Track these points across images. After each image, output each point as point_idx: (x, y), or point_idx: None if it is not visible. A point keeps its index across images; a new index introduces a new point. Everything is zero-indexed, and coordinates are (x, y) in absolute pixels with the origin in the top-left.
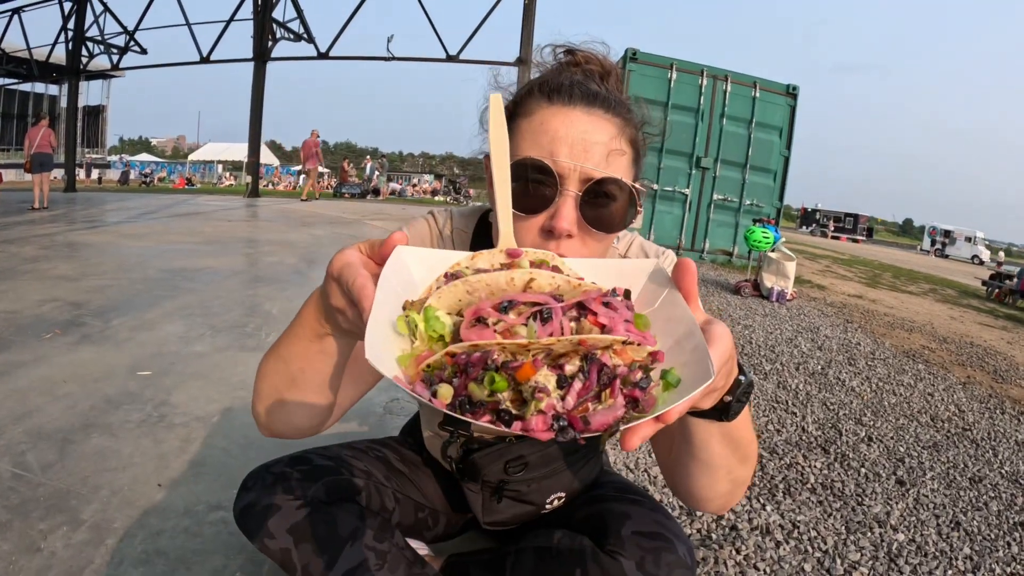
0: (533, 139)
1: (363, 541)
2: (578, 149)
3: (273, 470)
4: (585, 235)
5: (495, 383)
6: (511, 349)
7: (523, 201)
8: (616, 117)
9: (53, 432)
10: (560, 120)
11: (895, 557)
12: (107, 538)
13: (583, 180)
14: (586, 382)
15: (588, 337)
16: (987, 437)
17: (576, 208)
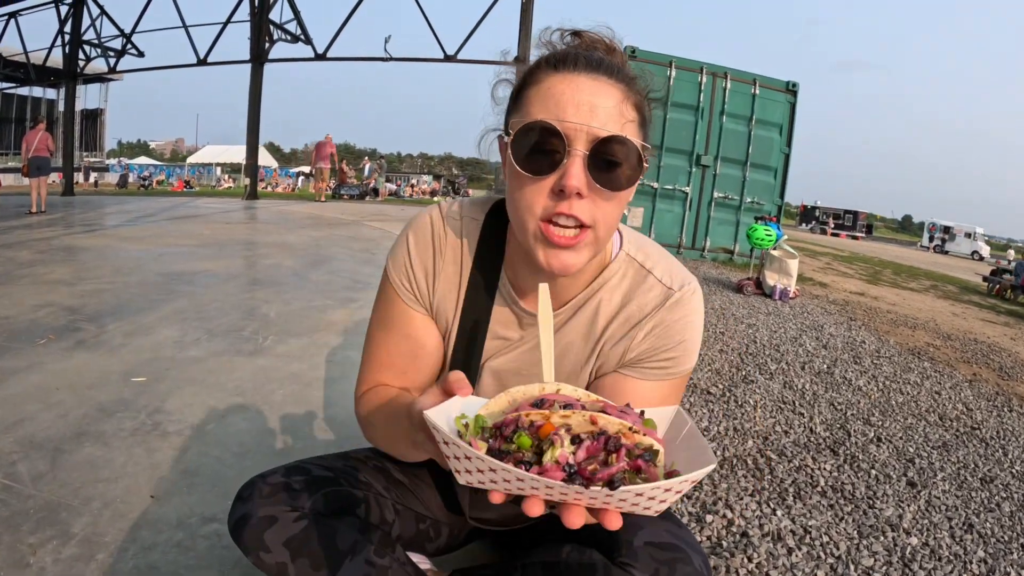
0: (541, 104)
1: (363, 556)
2: (584, 110)
3: (269, 480)
4: (595, 195)
5: (520, 439)
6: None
7: (532, 163)
8: (620, 83)
9: (45, 441)
10: (566, 84)
11: (909, 562)
12: (98, 552)
13: (590, 140)
14: (594, 443)
15: (600, 416)
16: (996, 436)
17: (584, 168)
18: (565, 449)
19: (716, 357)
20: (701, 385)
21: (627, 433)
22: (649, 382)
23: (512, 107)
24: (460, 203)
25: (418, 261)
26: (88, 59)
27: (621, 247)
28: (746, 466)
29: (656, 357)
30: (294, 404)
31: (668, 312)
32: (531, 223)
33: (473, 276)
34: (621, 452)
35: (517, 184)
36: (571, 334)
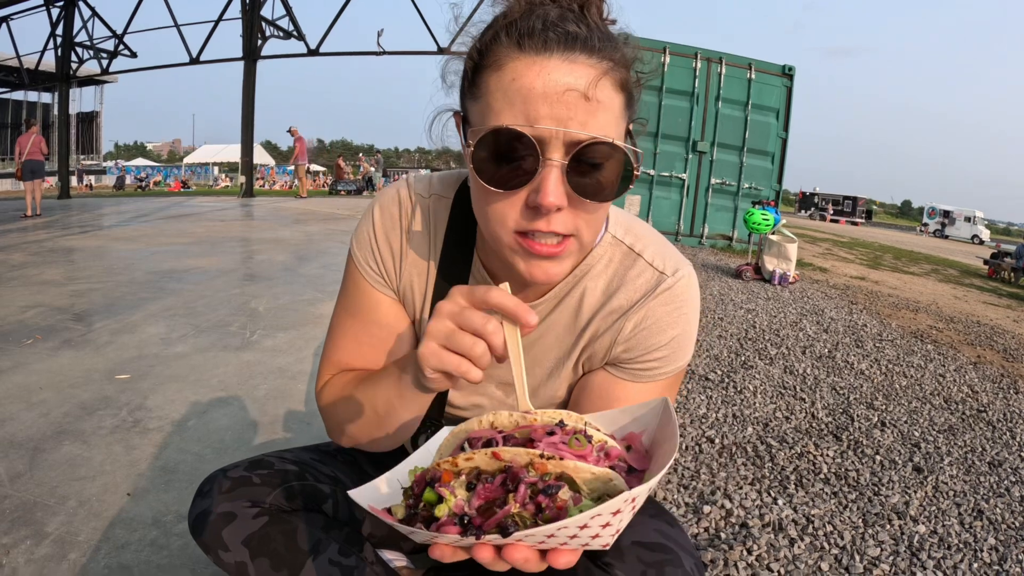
0: (506, 100)
1: (327, 555)
2: (559, 107)
3: (230, 474)
4: (577, 207)
5: (426, 495)
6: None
7: (501, 176)
8: (602, 60)
9: (24, 441)
10: (535, 73)
11: (917, 551)
12: (70, 552)
13: (569, 146)
14: (489, 486)
15: (503, 450)
16: (1003, 418)
17: (563, 179)
18: (460, 498)
19: (714, 343)
20: (699, 371)
21: (537, 463)
22: (639, 384)
23: (469, 91)
24: (429, 178)
25: (384, 240)
26: (81, 61)
27: (607, 229)
28: (745, 454)
29: (646, 356)
30: (278, 398)
31: (659, 301)
32: (505, 237)
33: (443, 261)
34: (520, 491)
35: (483, 197)
36: (553, 327)
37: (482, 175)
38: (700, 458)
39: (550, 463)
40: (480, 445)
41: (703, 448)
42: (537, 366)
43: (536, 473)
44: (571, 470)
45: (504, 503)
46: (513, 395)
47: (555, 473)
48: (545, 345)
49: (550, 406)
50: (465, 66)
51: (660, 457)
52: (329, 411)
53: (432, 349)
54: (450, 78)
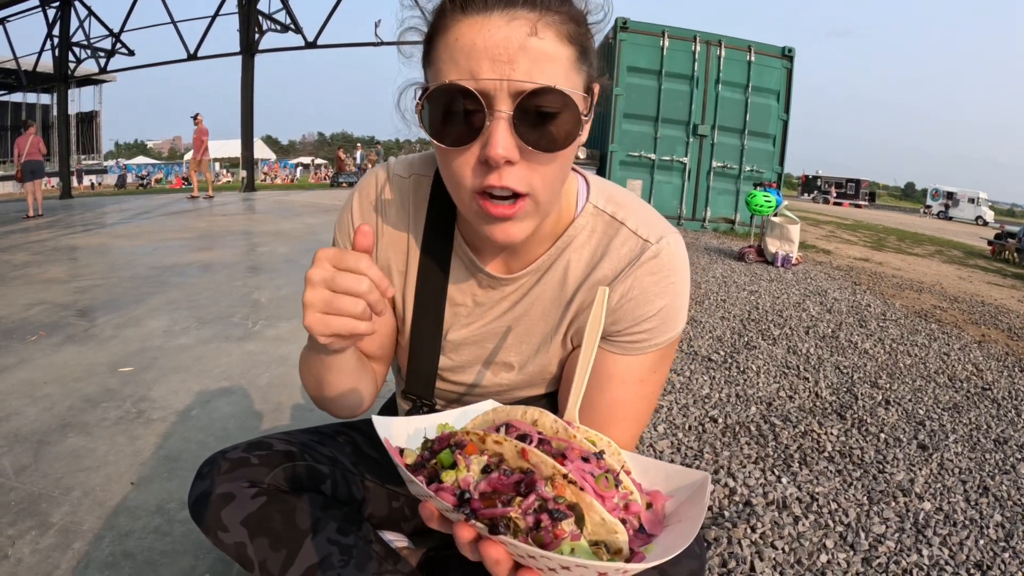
0: (451, 60)
1: (325, 534)
2: (501, 61)
3: (229, 456)
4: (530, 160)
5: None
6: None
7: (449, 133)
8: (544, 14)
9: (30, 434)
10: (476, 31)
11: (922, 528)
12: (75, 541)
13: (514, 95)
14: (504, 478)
15: (532, 452)
16: (1008, 396)
17: (511, 130)
18: (471, 474)
19: (717, 324)
20: (703, 352)
21: (559, 482)
22: (630, 356)
23: (425, 61)
24: (409, 160)
25: (360, 221)
26: (79, 61)
27: (588, 199)
28: (749, 433)
29: (634, 328)
30: (280, 387)
31: (645, 271)
32: (465, 197)
33: (427, 237)
34: (530, 499)
35: (442, 159)
36: (538, 301)
37: (435, 134)
38: (704, 438)
39: (569, 488)
40: (515, 436)
41: (706, 428)
42: (524, 342)
43: (552, 490)
44: (585, 505)
45: (509, 502)
46: (501, 374)
47: (569, 501)
48: (531, 320)
49: (540, 382)
50: (424, 38)
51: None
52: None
53: (316, 318)
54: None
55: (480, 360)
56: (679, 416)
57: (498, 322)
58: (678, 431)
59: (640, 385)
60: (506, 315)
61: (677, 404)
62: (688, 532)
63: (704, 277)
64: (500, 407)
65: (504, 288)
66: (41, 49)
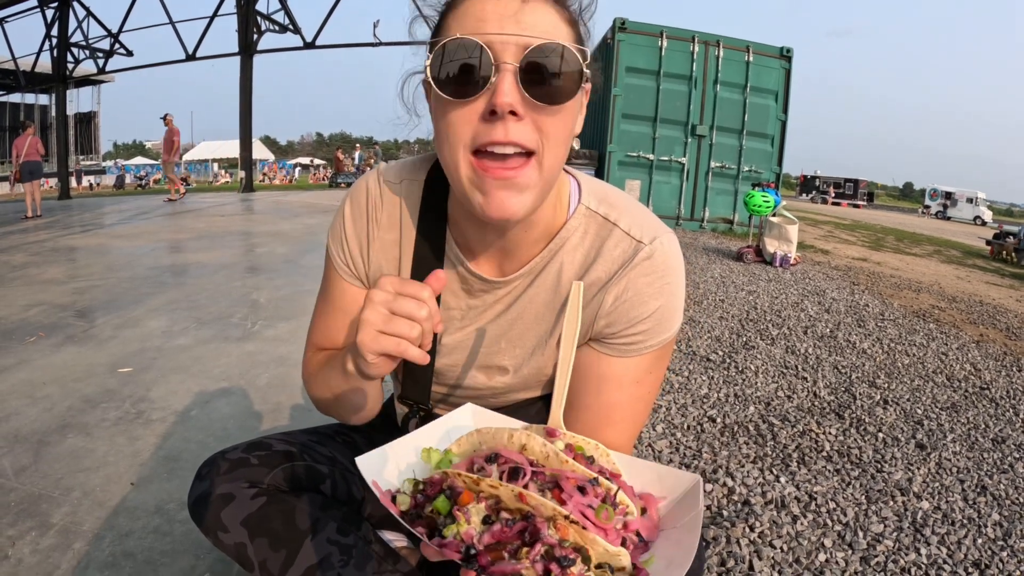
0: (459, 26)
1: (325, 534)
2: (510, 22)
3: (228, 456)
4: (534, 113)
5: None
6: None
7: (456, 86)
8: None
9: (29, 435)
10: (487, 3)
11: (920, 527)
12: (75, 542)
13: (520, 49)
14: (507, 529)
15: (530, 496)
16: (1006, 395)
17: (516, 82)
18: (472, 527)
19: (716, 324)
20: (701, 352)
21: (561, 524)
22: (626, 359)
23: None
24: (400, 165)
25: (352, 232)
26: (77, 61)
27: (580, 200)
28: (747, 432)
29: (629, 330)
30: (279, 387)
31: (639, 272)
32: (462, 160)
33: (418, 242)
34: (536, 547)
35: (442, 114)
36: (532, 304)
37: (440, 86)
38: (702, 437)
39: (572, 528)
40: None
41: (705, 428)
42: (518, 345)
43: (556, 533)
44: (588, 542)
45: (515, 552)
46: (496, 378)
47: (574, 543)
48: (525, 323)
49: (536, 384)
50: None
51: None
52: (307, 387)
53: (371, 335)
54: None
55: (475, 364)
56: (678, 416)
57: (492, 325)
58: (677, 431)
59: (636, 387)
60: (500, 318)
61: (676, 404)
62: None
63: (703, 277)
64: (483, 428)
65: (497, 291)
66: (40, 49)
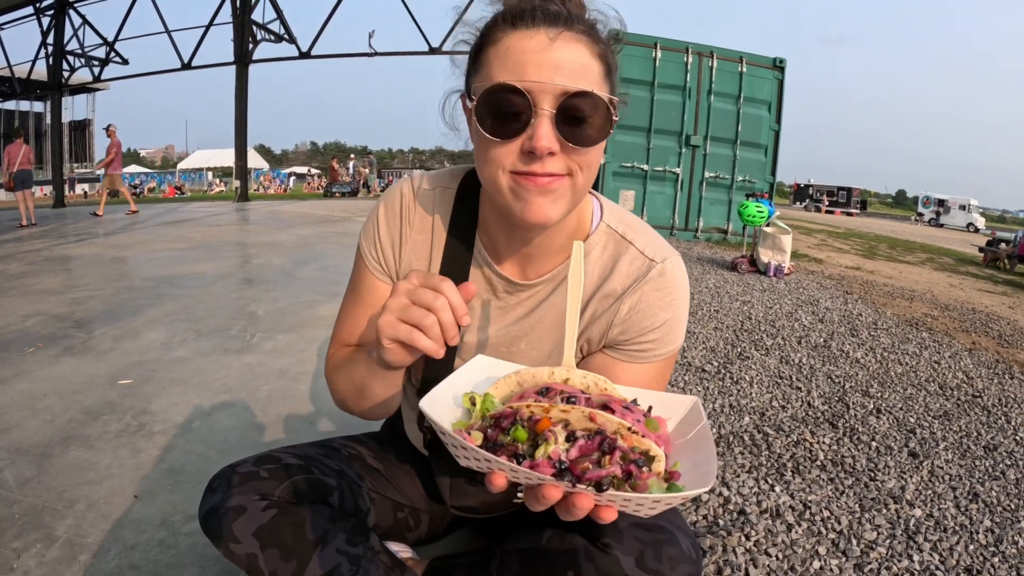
0: (501, 65)
1: (334, 545)
2: (547, 67)
3: (239, 470)
4: (568, 152)
5: (516, 432)
6: (535, 410)
7: (500, 127)
8: (582, 35)
9: (31, 447)
10: (526, 42)
11: (913, 534)
12: (80, 554)
13: (557, 97)
14: (589, 443)
15: (598, 413)
16: (998, 403)
17: (553, 126)
18: (559, 446)
19: (711, 335)
20: (696, 363)
21: (625, 434)
22: (636, 364)
23: (472, 69)
24: (433, 174)
25: (385, 231)
26: (72, 69)
27: (602, 218)
28: (743, 442)
29: (640, 338)
30: (280, 399)
31: (651, 287)
32: (504, 178)
33: (449, 245)
34: (615, 454)
35: (485, 147)
36: (553, 308)
37: (484, 126)
38: None
39: (635, 438)
40: (560, 399)
41: None
42: (535, 348)
43: (625, 443)
44: (652, 450)
45: (598, 462)
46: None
47: (641, 448)
48: (545, 327)
49: None
50: (471, 50)
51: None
52: (329, 381)
53: (388, 320)
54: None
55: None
56: None
57: (513, 327)
58: None
59: None
60: (521, 321)
61: None
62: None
63: (697, 288)
64: (521, 368)
65: (520, 294)
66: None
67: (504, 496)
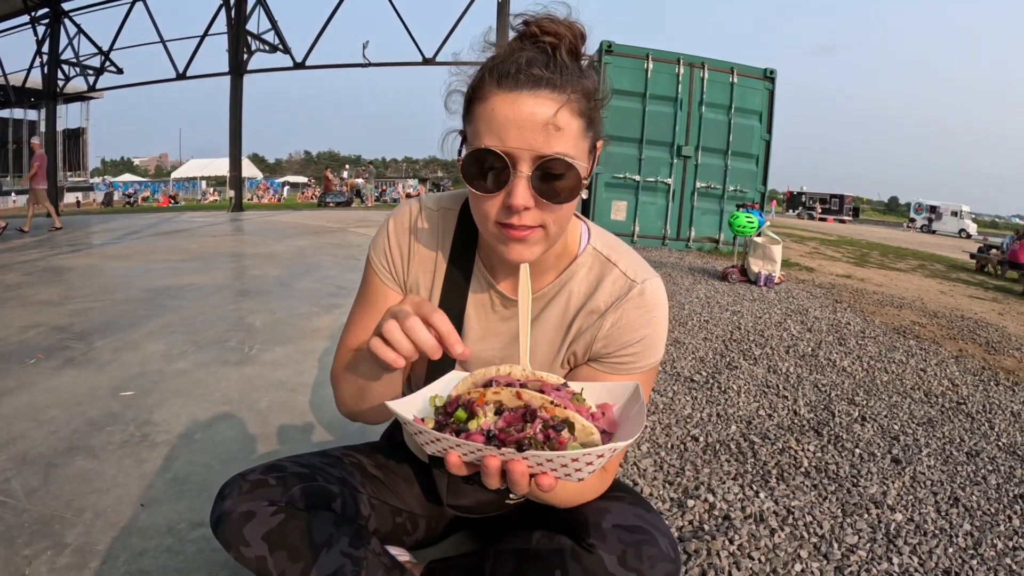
0: (487, 126)
1: (339, 547)
2: (526, 132)
3: (248, 478)
4: (542, 208)
5: (457, 413)
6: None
7: (483, 184)
8: (562, 94)
9: (37, 457)
10: (508, 106)
11: (893, 538)
12: (90, 561)
13: (533, 160)
14: (513, 414)
15: (524, 391)
16: (982, 410)
17: (529, 186)
18: (488, 419)
19: (700, 345)
20: (685, 373)
21: (548, 407)
22: (617, 376)
23: (465, 115)
24: (439, 196)
25: (395, 243)
26: (67, 78)
27: (589, 241)
28: (729, 450)
29: (621, 351)
30: (280, 410)
31: (631, 305)
32: (491, 227)
33: (450, 262)
34: (536, 423)
35: (474, 199)
36: (544, 325)
37: (471, 183)
38: (685, 456)
39: (557, 409)
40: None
41: (688, 446)
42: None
43: (547, 414)
44: (572, 418)
45: (522, 429)
46: None
47: (561, 417)
48: (537, 340)
49: None
50: (464, 97)
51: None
52: (335, 383)
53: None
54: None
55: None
56: (662, 436)
57: (507, 342)
58: (661, 450)
59: None
60: (514, 335)
61: (660, 424)
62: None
63: (688, 298)
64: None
65: (514, 309)
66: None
67: (496, 495)
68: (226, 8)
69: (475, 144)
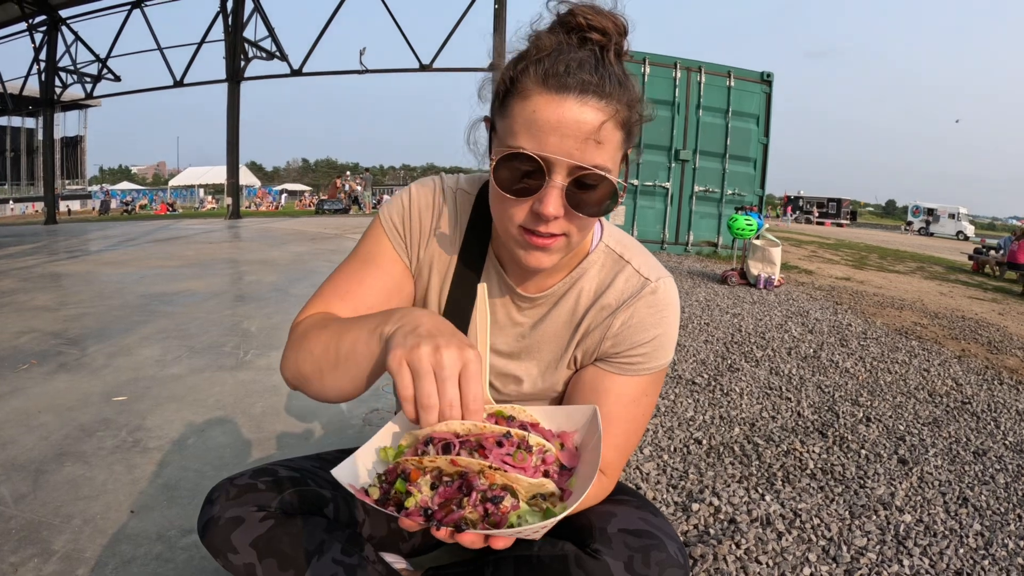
0: (526, 126)
1: (330, 555)
2: (568, 139)
3: (237, 482)
4: (571, 218)
5: (397, 485)
6: (412, 463)
7: (515, 187)
8: (609, 104)
9: (27, 463)
10: (552, 109)
11: (903, 539)
12: (78, 568)
13: (569, 171)
14: (449, 489)
15: (459, 459)
16: (987, 409)
17: (562, 196)
18: (424, 495)
19: (701, 348)
20: (686, 376)
21: (488, 472)
22: (625, 376)
23: (499, 107)
24: (457, 177)
25: (417, 213)
26: (65, 86)
27: (601, 238)
28: (733, 453)
29: (630, 352)
30: (274, 415)
31: (643, 303)
32: (513, 231)
33: (463, 250)
34: (473, 496)
35: (499, 200)
36: (553, 322)
37: (500, 184)
38: (688, 459)
39: (497, 474)
40: (440, 446)
41: (691, 449)
42: (534, 359)
43: (486, 481)
44: (513, 481)
45: (460, 504)
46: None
47: (500, 484)
48: (544, 338)
49: (548, 400)
50: (498, 87)
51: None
52: (297, 339)
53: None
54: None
55: (493, 370)
56: (664, 439)
57: (515, 337)
58: (664, 453)
59: (633, 406)
60: (523, 330)
61: (663, 427)
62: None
63: (688, 301)
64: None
65: (524, 304)
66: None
67: None
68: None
69: (507, 142)
